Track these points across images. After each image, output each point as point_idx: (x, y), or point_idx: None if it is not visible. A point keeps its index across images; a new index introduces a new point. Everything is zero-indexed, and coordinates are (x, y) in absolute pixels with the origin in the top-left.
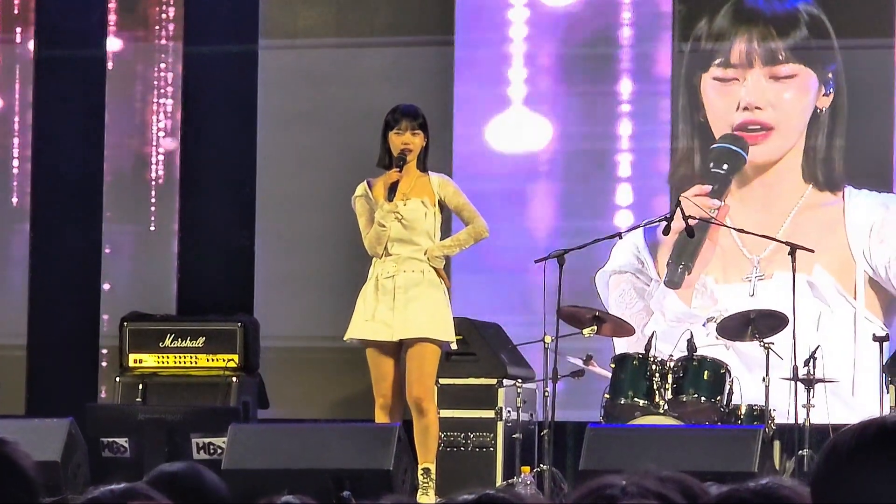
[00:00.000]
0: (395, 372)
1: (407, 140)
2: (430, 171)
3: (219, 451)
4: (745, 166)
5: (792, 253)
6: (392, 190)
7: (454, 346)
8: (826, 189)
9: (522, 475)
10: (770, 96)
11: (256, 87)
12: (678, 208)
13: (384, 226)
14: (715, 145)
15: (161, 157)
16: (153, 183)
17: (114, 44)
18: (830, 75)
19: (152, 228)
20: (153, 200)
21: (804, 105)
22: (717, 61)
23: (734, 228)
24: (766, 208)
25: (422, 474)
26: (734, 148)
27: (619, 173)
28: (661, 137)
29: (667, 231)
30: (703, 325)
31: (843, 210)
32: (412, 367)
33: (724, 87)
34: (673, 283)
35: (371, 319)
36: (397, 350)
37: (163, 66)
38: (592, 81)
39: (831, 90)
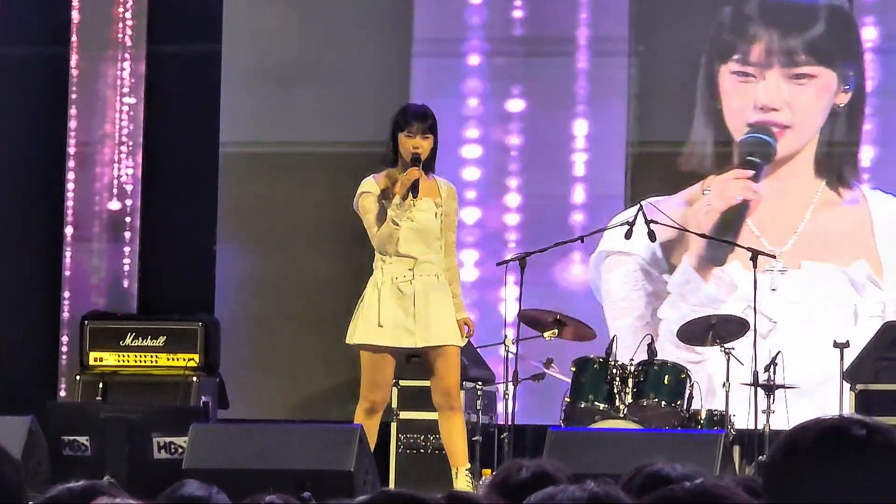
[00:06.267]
0: (391, 379)
1: (417, 144)
2: (435, 176)
3: (180, 450)
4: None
5: (754, 259)
6: (414, 188)
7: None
8: (840, 186)
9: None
10: (786, 97)
11: (220, 86)
12: (640, 213)
13: (398, 224)
14: (748, 135)
15: (124, 156)
16: (115, 181)
17: (77, 42)
18: (851, 73)
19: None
20: (114, 199)
21: (822, 106)
22: (737, 56)
23: (697, 234)
24: (780, 202)
25: (467, 475)
26: (766, 137)
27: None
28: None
29: (628, 235)
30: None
31: (868, 210)
32: (443, 371)
33: (741, 83)
34: (717, 258)
35: (394, 325)
36: (400, 357)
37: (126, 65)
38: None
39: (851, 87)
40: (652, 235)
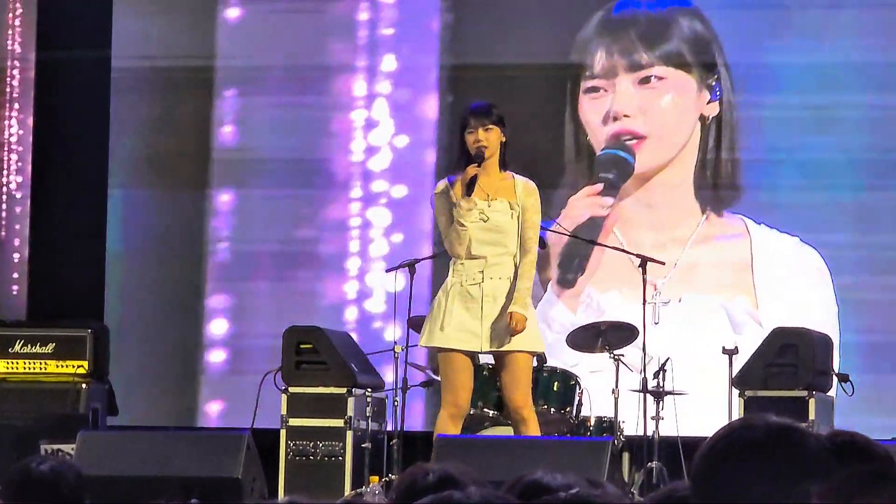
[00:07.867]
0: (470, 383)
1: (479, 138)
2: (513, 174)
3: (67, 457)
4: (632, 176)
5: (643, 265)
6: (470, 185)
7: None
8: (717, 209)
9: (371, 485)
10: (639, 102)
11: (109, 93)
12: None
13: (464, 225)
14: (601, 152)
15: (13, 163)
16: (4, 188)
17: None
18: (713, 82)
19: (3, 233)
20: (3, 206)
21: (681, 110)
22: (587, 73)
23: (589, 241)
24: (656, 229)
25: None
26: (620, 153)
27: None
28: None
29: None
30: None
31: (749, 248)
32: (509, 378)
33: (595, 99)
34: (567, 280)
35: (458, 328)
36: (475, 360)
37: (15, 72)
38: None
39: (717, 97)
40: (542, 243)
